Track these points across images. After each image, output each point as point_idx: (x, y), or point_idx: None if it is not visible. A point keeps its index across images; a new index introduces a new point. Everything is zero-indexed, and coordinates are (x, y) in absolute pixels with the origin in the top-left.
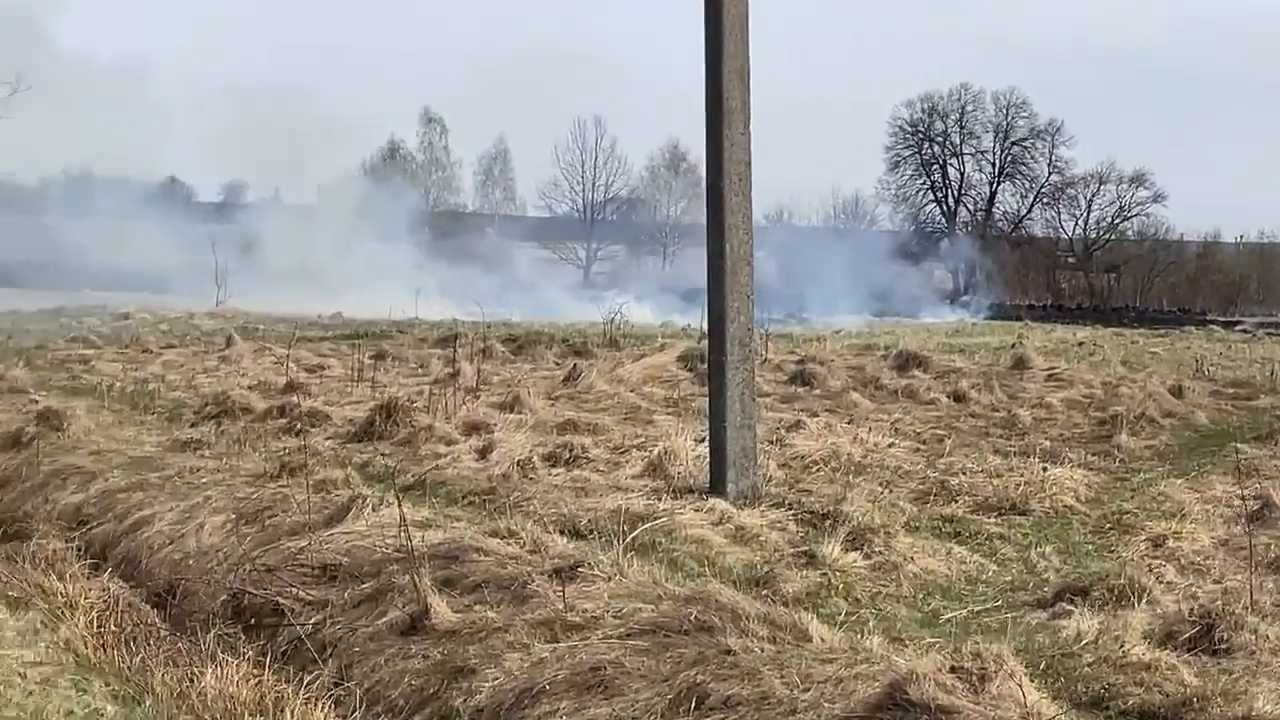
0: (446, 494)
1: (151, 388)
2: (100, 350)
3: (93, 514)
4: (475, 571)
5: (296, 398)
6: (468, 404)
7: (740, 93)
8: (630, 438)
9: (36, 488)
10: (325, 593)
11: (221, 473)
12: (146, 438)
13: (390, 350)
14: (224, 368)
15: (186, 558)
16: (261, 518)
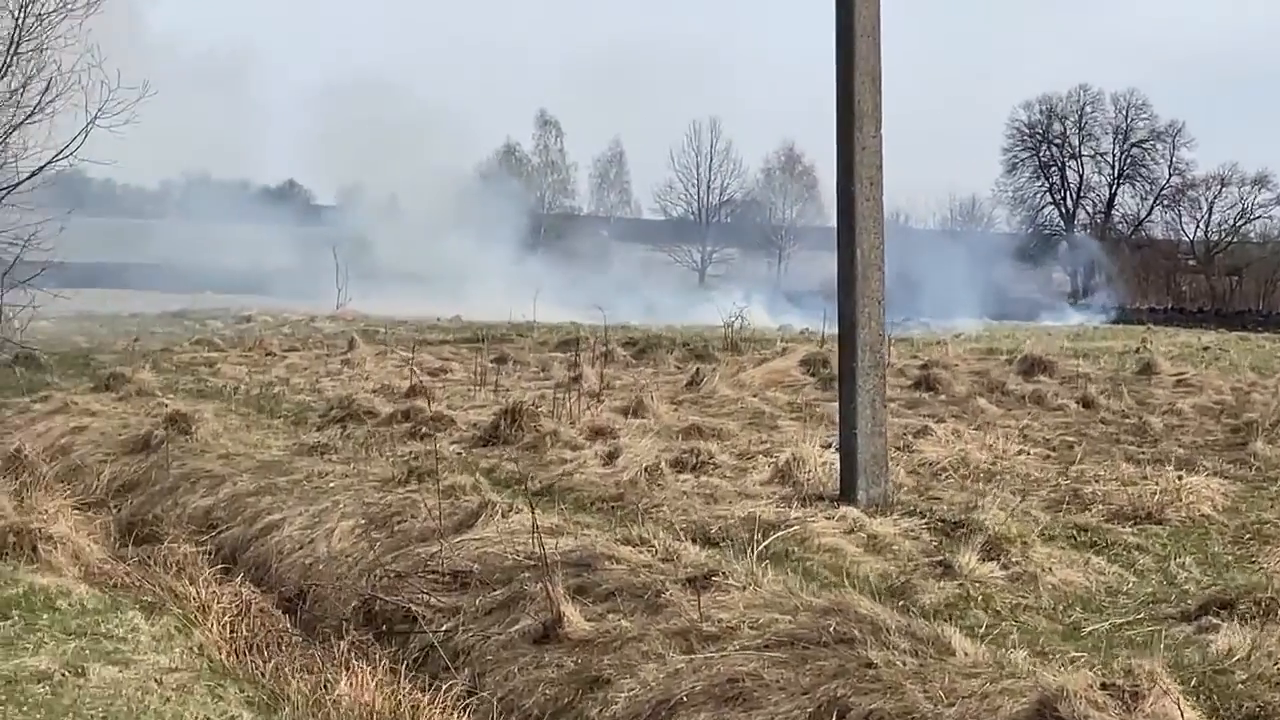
0: (574, 500)
1: (276, 391)
2: (224, 353)
3: (222, 518)
4: (607, 580)
5: (420, 402)
6: (591, 409)
7: (871, 96)
8: (756, 443)
9: (166, 491)
10: (456, 600)
11: (349, 477)
12: (273, 441)
13: (511, 354)
14: (347, 371)
15: (316, 563)
16: (390, 523)
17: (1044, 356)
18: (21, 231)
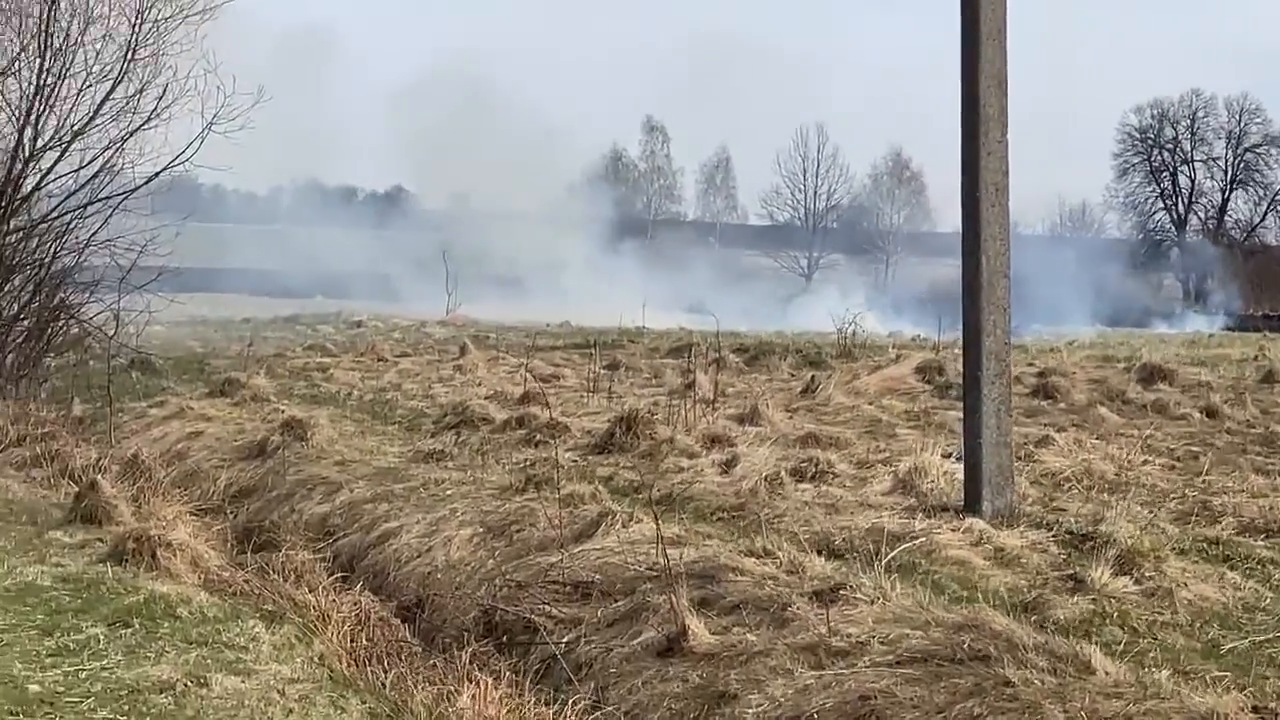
0: (694, 510)
1: (389, 397)
2: (337, 358)
3: (339, 525)
4: (732, 592)
5: (535, 408)
6: (706, 416)
7: (997, 99)
8: (874, 452)
9: (283, 497)
10: (578, 610)
11: (465, 485)
12: (388, 448)
13: (623, 360)
14: (459, 377)
15: (434, 571)
16: (509, 532)
17: (1163, 364)
18: (138, 237)
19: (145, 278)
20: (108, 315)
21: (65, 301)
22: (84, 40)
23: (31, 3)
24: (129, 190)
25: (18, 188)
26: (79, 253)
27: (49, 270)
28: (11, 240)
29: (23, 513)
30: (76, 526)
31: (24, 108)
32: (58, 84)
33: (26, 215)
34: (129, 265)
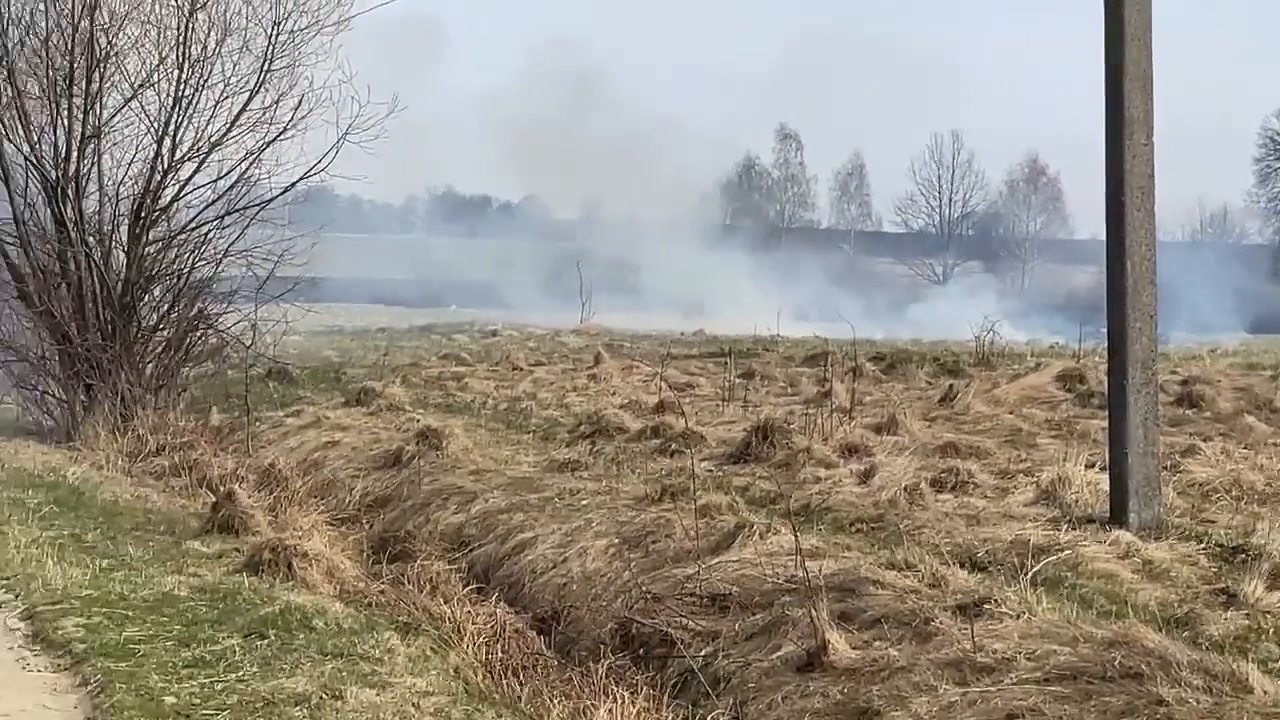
0: (832, 521)
1: (524, 406)
2: (471, 368)
3: (474, 535)
4: (872, 605)
5: (669, 417)
6: (843, 425)
7: (1142, 102)
8: (1015, 462)
9: (418, 507)
10: (715, 624)
11: (600, 495)
12: (523, 458)
13: (757, 369)
14: (593, 386)
15: (570, 583)
16: (644, 543)
17: None
18: (274, 247)
19: (282, 287)
20: (245, 325)
21: (203, 311)
22: (221, 52)
23: (170, 15)
24: (265, 201)
25: (156, 199)
26: (217, 263)
27: (187, 280)
28: (151, 251)
29: (161, 522)
30: (214, 536)
31: (163, 119)
32: (195, 96)
33: (165, 226)
34: (266, 275)
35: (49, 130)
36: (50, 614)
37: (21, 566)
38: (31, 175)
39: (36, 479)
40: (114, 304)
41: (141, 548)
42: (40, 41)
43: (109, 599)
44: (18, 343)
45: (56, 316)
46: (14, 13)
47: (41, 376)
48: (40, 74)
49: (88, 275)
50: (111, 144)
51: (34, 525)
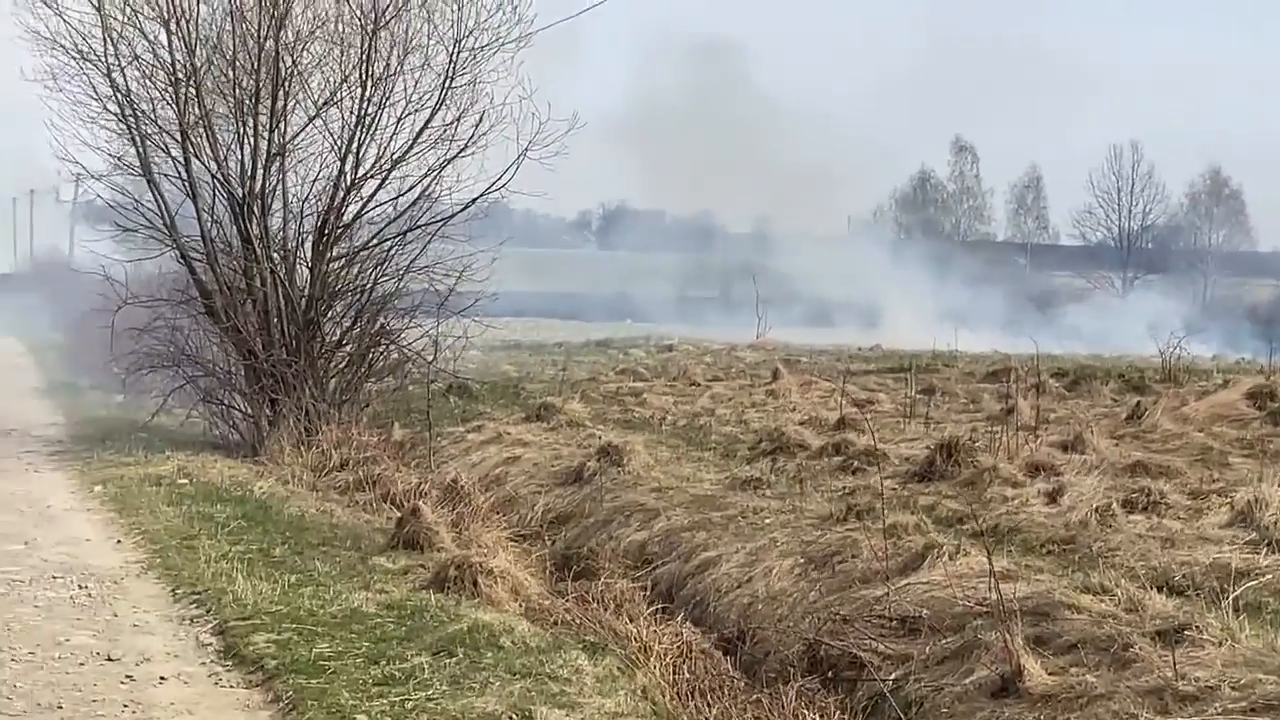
0: (1021, 542)
1: (703, 422)
2: (649, 383)
3: (656, 553)
4: (1067, 630)
5: (851, 434)
6: (1029, 443)
7: None
8: (1207, 482)
9: (600, 524)
10: (905, 646)
11: (783, 513)
12: (704, 474)
13: (937, 384)
14: (772, 402)
15: (755, 603)
16: (830, 563)
17: None
18: (455, 263)
19: (463, 303)
20: (426, 340)
21: (385, 327)
22: (403, 70)
23: (353, 34)
24: (447, 217)
25: (340, 216)
26: (398, 279)
27: (369, 296)
28: (334, 267)
29: (346, 538)
30: (399, 552)
31: (345, 137)
32: (378, 113)
33: (348, 242)
34: (447, 291)
35: (235, 148)
36: (241, 629)
37: (212, 581)
38: (218, 193)
39: (224, 493)
40: (298, 320)
41: (328, 563)
42: (227, 61)
43: (298, 615)
44: (204, 358)
45: (242, 332)
46: (202, 33)
47: (228, 391)
48: (227, 93)
49: (273, 291)
50: (296, 161)
51: (223, 540)
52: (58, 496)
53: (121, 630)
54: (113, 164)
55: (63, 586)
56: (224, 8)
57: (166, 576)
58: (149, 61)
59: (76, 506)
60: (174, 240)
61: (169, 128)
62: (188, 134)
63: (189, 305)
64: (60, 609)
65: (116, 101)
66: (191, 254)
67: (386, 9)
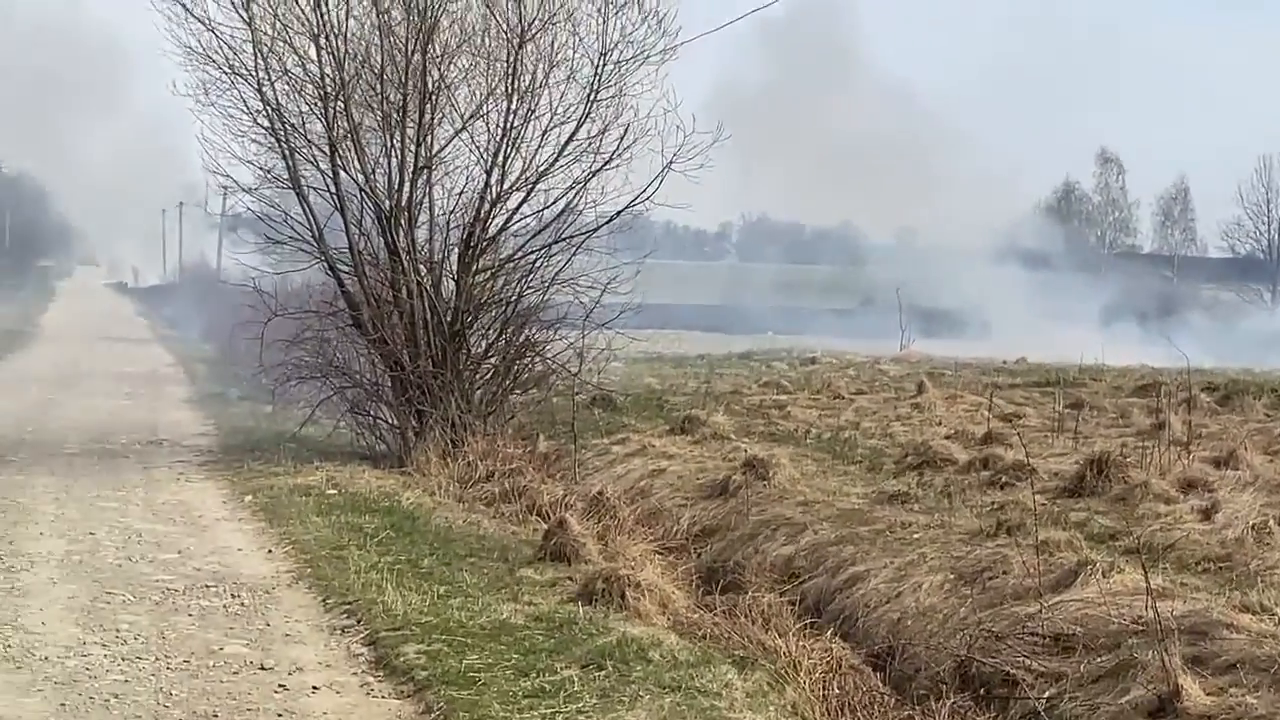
0: (1175, 559)
1: (848, 435)
2: (793, 395)
3: (804, 567)
4: (1226, 650)
5: (998, 449)
6: (1181, 459)
7: None
8: None
9: (746, 537)
10: (1059, 664)
11: (932, 528)
12: (850, 488)
13: (1085, 398)
14: (917, 415)
15: (904, 618)
16: (981, 579)
17: None
18: (599, 275)
19: (607, 315)
20: (571, 352)
21: (530, 339)
22: (548, 83)
23: (500, 47)
24: (591, 229)
25: (485, 228)
26: (543, 291)
27: (514, 309)
28: (479, 279)
29: (494, 549)
30: (546, 564)
31: (491, 150)
32: (523, 126)
33: (493, 255)
34: (592, 303)
35: (383, 161)
36: (392, 640)
37: (362, 591)
38: (366, 205)
39: (372, 504)
40: (444, 331)
41: (476, 575)
42: (375, 75)
43: (448, 626)
44: (352, 369)
45: (389, 344)
46: (351, 47)
47: (374, 402)
48: (375, 107)
49: (419, 303)
50: (442, 174)
51: (372, 550)
52: (209, 506)
53: (274, 639)
54: (262, 177)
55: (216, 595)
56: (372, 22)
57: (317, 586)
58: (298, 76)
59: (228, 516)
60: (322, 252)
61: (318, 141)
62: (336, 147)
63: (336, 317)
64: (214, 618)
65: (266, 115)
66: (339, 266)
67: (533, 23)
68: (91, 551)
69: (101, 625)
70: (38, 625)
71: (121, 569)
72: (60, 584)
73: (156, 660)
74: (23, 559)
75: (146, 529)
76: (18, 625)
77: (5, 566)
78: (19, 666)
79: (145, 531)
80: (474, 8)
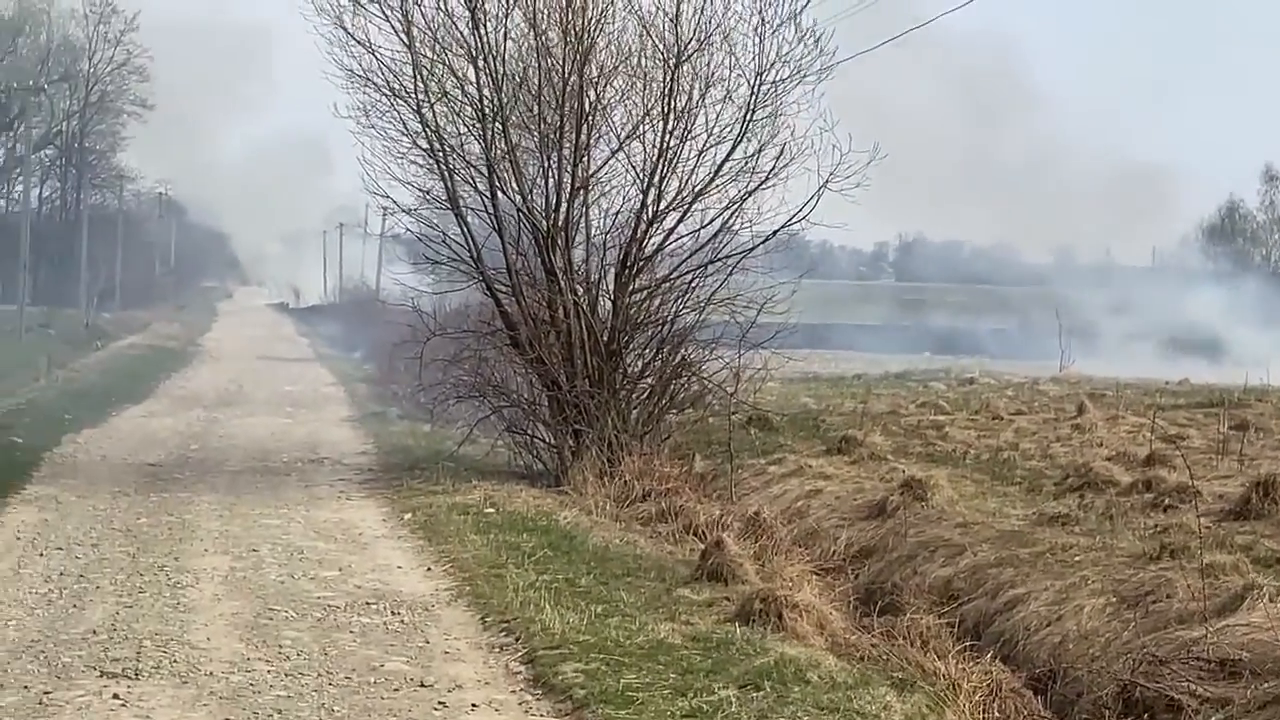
0: None
1: (1006, 456)
2: (950, 416)
3: (962, 589)
4: None
5: (1161, 470)
6: None
7: None
8: None
9: (904, 559)
10: (1225, 690)
11: (1093, 551)
12: (1010, 510)
13: (1251, 420)
14: (1077, 436)
15: (1065, 641)
16: (1144, 602)
17: None
18: (755, 295)
19: (763, 335)
20: (727, 372)
21: (686, 359)
22: (704, 103)
23: (656, 68)
24: (748, 249)
25: (642, 248)
26: (699, 311)
27: (671, 328)
28: (636, 299)
29: (651, 568)
30: (703, 584)
31: (647, 170)
32: (679, 146)
33: (650, 275)
34: (748, 323)
35: (540, 182)
36: (549, 658)
37: (520, 610)
38: (523, 225)
39: (530, 523)
40: (601, 351)
41: (633, 594)
42: (533, 96)
43: (605, 645)
44: (509, 388)
45: (546, 363)
46: (509, 69)
47: (531, 421)
48: (532, 127)
49: (576, 323)
50: (598, 194)
51: (530, 569)
52: (369, 524)
53: (433, 657)
54: (420, 198)
55: (376, 613)
56: (530, 44)
57: (476, 604)
58: (457, 97)
59: (387, 534)
60: (480, 273)
61: (475, 162)
62: (494, 168)
63: (494, 337)
64: (374, 635)
65: (426, 137)
66: (497, 286)
67: (689, 43)
68: (255, 568)
69: (265, 641)
70: (203, 641)
71: (284, 586)
72: (225, 600)
73: (319, 676)
74: (188, 575)
75: (308, 546)
76: (184, 640)
77: (171, 582)
78: (185, 681)
79: (307, 549)
80: (630, 29)
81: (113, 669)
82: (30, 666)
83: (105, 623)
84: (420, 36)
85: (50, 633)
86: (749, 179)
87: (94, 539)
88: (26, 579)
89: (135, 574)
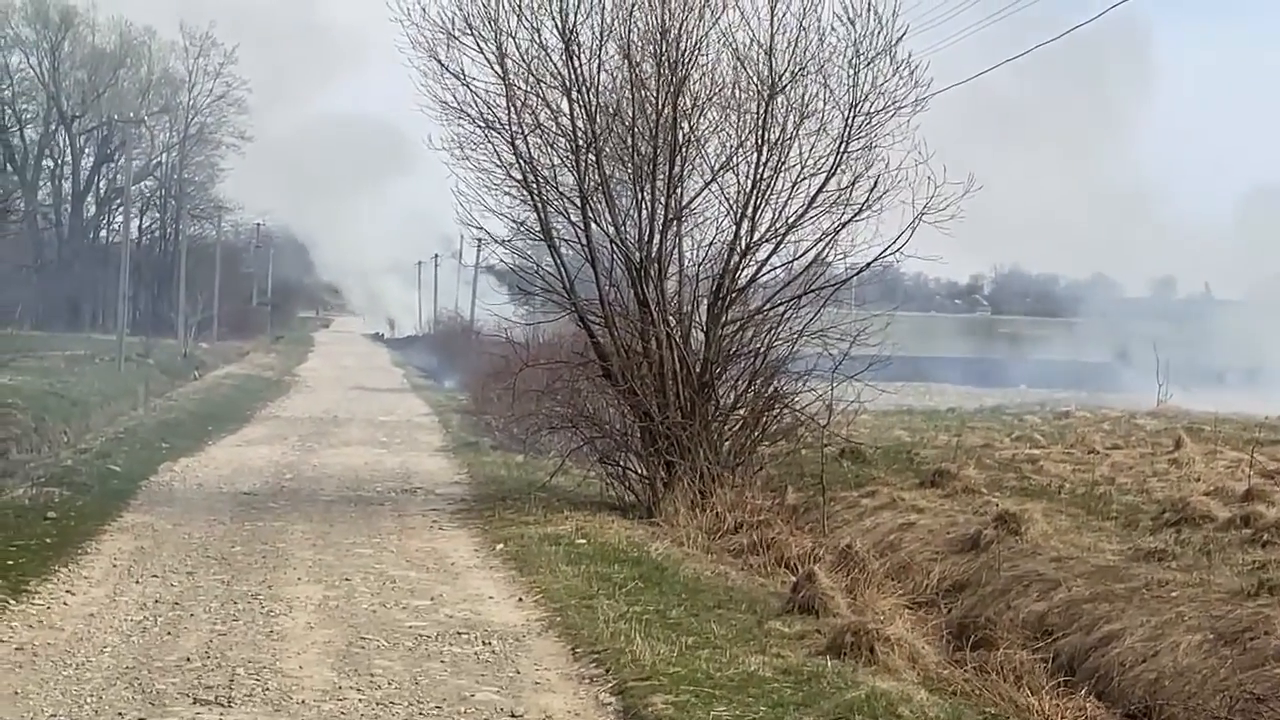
0: None
1: (1102, 491)
2: (1046, 450)
3: (1056, 624)
4: None
5: (1260, 506)
6: None
7: None
8: None
9: (997, 593)
10: None
11: (1189, 587)
12: (1105, 545)
13: None
14: (1174, 471)
15: (1161, 678)
16: (1241, 639)
17: None
18: (848, 327)
19: (856, 367)
20: (820, 404)
21: (779, 391)
22: (798, 134)
23: (749, 99)
24: (841, 281)
25: (735, 279)
26: (792, 343)
27: (763, 360)
28: (728, 331)
29: (741, 601)
30: (794, 617)
31: (741, 201)
32: (773, 178)
33: (742, 306)
34: (841, 355)
35: (633, 213)
36: (640, 690)
37: (611, 641)
38: (616, 256)
39: (621, 554)
40: (693, 383)
41: (724, 626)
42: (626, 127)
43: (695, 677)
44: (601, 419)
45: (638, 394)
46: (602, 100)
47: (623, 453)
48: (626, 159)
49: (668, 354)
50: (691, 226)
51: (621, 600)
52: (461, 554)
53: (524, 687)
54: (514, 229)
55: (467, 643)
56: (624, 75)
57: (566, 635)
58: (551, 129)
59: (479, 564)
60: (573, 304)
61: (569, 193)
62: (587, 199)
63: (587, 368)
64: (465, 664)
65: (520, 168)
66: (589, 317)
67: (783, 75)
68: (347, 597)
69: (356, 670)
70: (295, 669)
71: (376, 615)
72: (317, 629)
73: (409, 706)
74: (281, 604)
75: (400, 575)
76: (276, 669)
77: (265, 610)
78: (277, 709)
79: (399, 578)
80: (724, 60)
81: (206, 696)
82: (125, 693)
83: (199, 650)
84: (514, 69)
85: (145, 659)
86: (843, 211)
87: (189, 567)
88: (122, 606)
89: (229, 602)
